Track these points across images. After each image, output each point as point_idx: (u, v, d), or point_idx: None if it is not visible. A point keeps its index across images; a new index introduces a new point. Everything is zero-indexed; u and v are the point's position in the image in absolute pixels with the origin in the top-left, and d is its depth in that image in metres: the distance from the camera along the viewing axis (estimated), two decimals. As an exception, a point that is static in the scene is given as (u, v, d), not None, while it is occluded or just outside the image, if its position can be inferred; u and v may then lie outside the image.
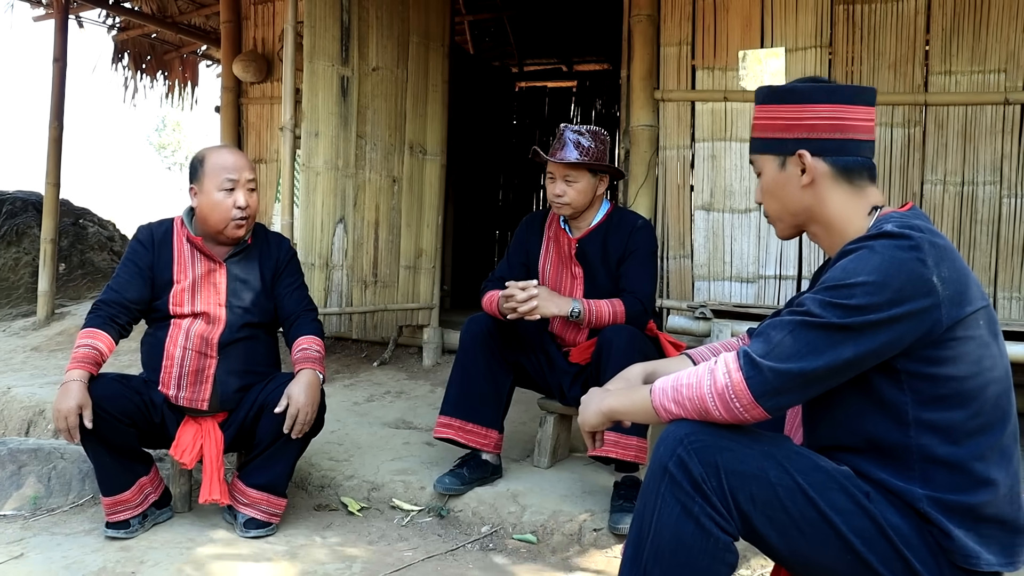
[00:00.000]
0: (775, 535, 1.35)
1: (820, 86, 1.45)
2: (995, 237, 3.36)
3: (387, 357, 4.64)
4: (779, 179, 1.50)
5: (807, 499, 1.33)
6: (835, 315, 1.29)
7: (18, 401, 3.96)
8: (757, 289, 3.67)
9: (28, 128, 34.59)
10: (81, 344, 2.39)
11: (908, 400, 1.33)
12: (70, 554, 2.30)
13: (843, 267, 1.32)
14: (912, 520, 1.33)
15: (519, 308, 2.56)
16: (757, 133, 1.54)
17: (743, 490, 1.33)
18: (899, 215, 1.38)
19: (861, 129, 1.44)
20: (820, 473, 1.35)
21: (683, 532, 1.34)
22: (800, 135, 1.46)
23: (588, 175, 2.72)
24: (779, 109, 1.48)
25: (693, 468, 1.33)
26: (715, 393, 1.34)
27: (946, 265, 1.29)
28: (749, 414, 1.33)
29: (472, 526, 2.58)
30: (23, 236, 6.90)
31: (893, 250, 1.29)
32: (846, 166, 1.44)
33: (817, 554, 1.35)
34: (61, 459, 2.79)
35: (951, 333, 1.30)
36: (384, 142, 4.21)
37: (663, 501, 1.36)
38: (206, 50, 6.85)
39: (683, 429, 1.37)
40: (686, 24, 3.76)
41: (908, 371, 1.32)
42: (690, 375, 1.40)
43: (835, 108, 1.43)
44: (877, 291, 1.27)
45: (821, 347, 1.29)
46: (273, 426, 2.43)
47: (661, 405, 1.42)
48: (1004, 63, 3.30)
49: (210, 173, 2.50)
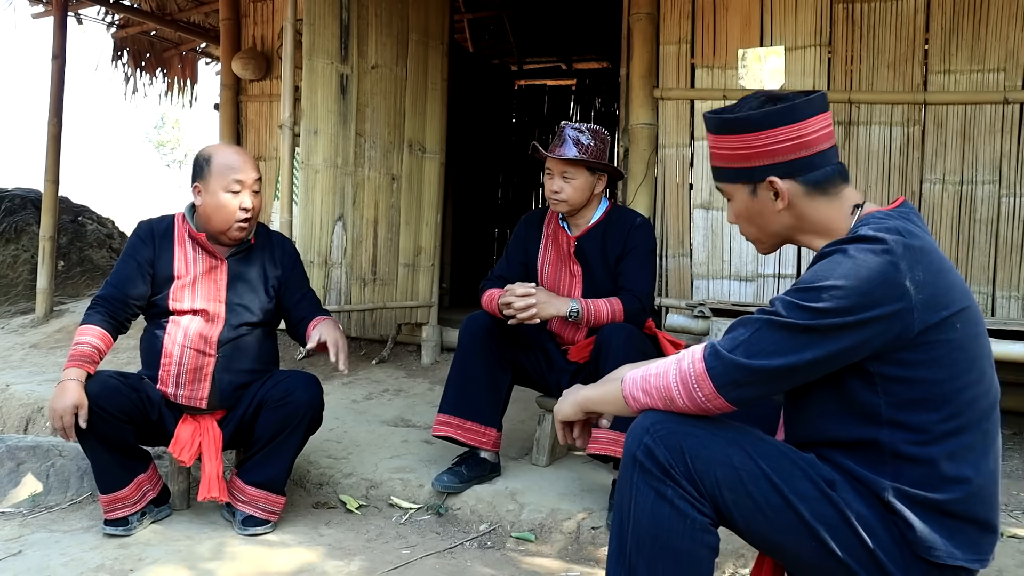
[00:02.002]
0: (742, 520, 1.37)
1: (772, 110, 1.41)
2: (994, 236, 3.36)
3: (386, 355, 4.64)
4: (753, 206, 1.49)
5: (771, 484, 1.34)
6: (800, 316, 1.30)
7: (16, 398, 3.96)
8: (756, 288, 3.67)
9: (27, 125, 34.54)
10: (79, 341, 2.39)
11: (882, 402, 1.34)
12: (68, 551, 2.30)
13: (815, 270, 1.33)
14: (877, 509, 1.34)
15: (518, 315, 2.57)
16: (718, 163, 1.51)
17: (708, 474, 1.35)
18: (880, 216, 1.38)
19: (822, 139, 1.43)
20: (784, 460, 1.37)
21: (660, 516, 1.36)
22: (765, 162, 1.43)
23: (586, 172, 2.72)
24: (736, 139, 1.45)
25: (659, 454, 1.36)
26: (679, 381, 1.37)
27: (921, 268, 1.29)
28: (712, 404, 1.36)
29: (470, 524, 2.58)
30: (22, 233, 6.89)
31: (865, 254, 1.29)
32: (817, 180, 1.43)
33: (783, 539, 1.36)
34: (59, 456, 2.79)
35: (924, 337, 1.30)
36: (383, 140, 4.21)
37: (637, 490, 1.38)
38: (205, 47, 6.84)
39: (649, 419, 1.40)
40: (685, 22, 3.76)
41: (882, 374, 1.33)
42: (658, 365, 1.43)
43: (792, 128, 1.41)
44: (845, 295, 1.27)
45: (784, 347, 1.31)
46: (272, 423, 2.44)
47: (630, 394, 1.45)
48: (1003, 62, 3.30)
49: (216, 174, 2.49)
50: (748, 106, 1.45)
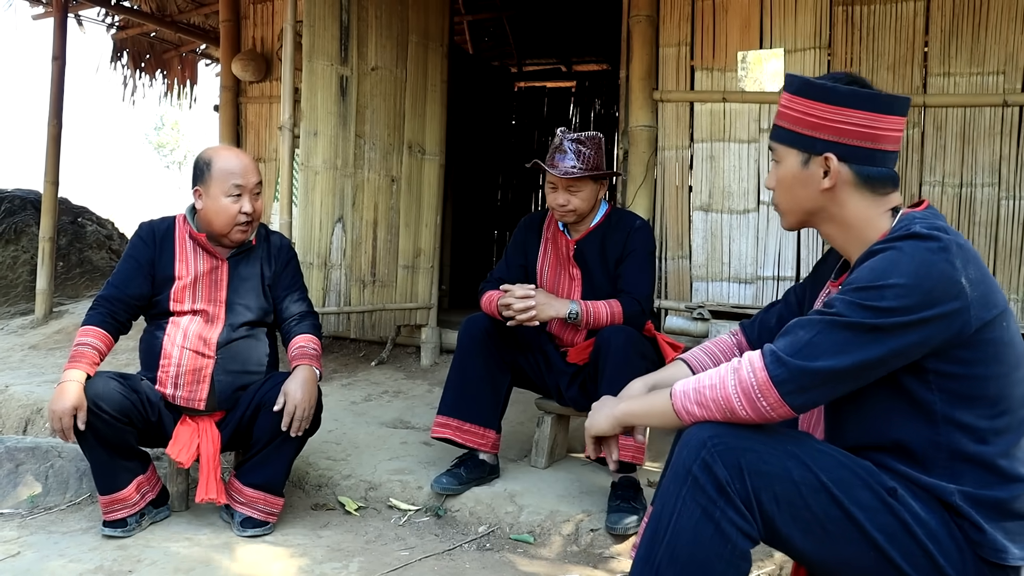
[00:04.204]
0: (799, 534, 1.35)
1: (858, 90, 1.41)
2: (993, 239, 3.36)
3: (385, 357, 4.64)
4: (799, 176, 1.48)
5: (831, 497, 1.33)
6: (865, 316, 1.28)
7: (16, 399, 3.96)
8: (755, 290, 3.67)
9: (27, 126, 34.57)
10: (79, 342, 2.39)
11: (937, 399, 1.34)
12: (67, 552, 2.30)
13: (871, 267, 1.31)
14: (941, 515, 1.33)
15: (518, 316, 2.57)
16: (784, 123, 1.49)
17: (767, 490, 1.33)
18: (923, 215, 1.37)
19: (891, 139, 1.42)
20: (843, 470, 1.35)
21: (702, 536, 1.33)
22: (830, 137, 1.42)
23: (591, 182, 2.72)
24: (812, 105, 1.44)
25: (719, 471, 1.33)
26: (740, 391, 1.34)
27: (972, 267, 1.30)
28: (776, 412, 1.33)
29: (469, 526, 2.58)
30: (21, 234, 6.89)
31: (923, 252, 1.28)
32: (870, 176, 1.42)
33: (840, 552, 1.35)
34: (59, 457, 2.79)
35: (979, 334, 1.30)
36: (383, 142, 4.21)
37: (683, 504, 1.35)
38: (205, 49, 6.85)
39: (706, 432, 1.37)
40: (685, 25, 3.76)
41: (938, 371, 1.32)
42: (712, 376, 1.39)
43: (870, 116, 1.40)
44: (908, 293, 1.27)
45: (850, 347, 1.29)
46: (270, 425, 2.43)
47: (683, 408, 1.41)
48: (1003, 65, 3.30)
49: (217, 178, 2.49)
50: (836, 79, 1.44)
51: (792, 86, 1.48)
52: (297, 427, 2.41)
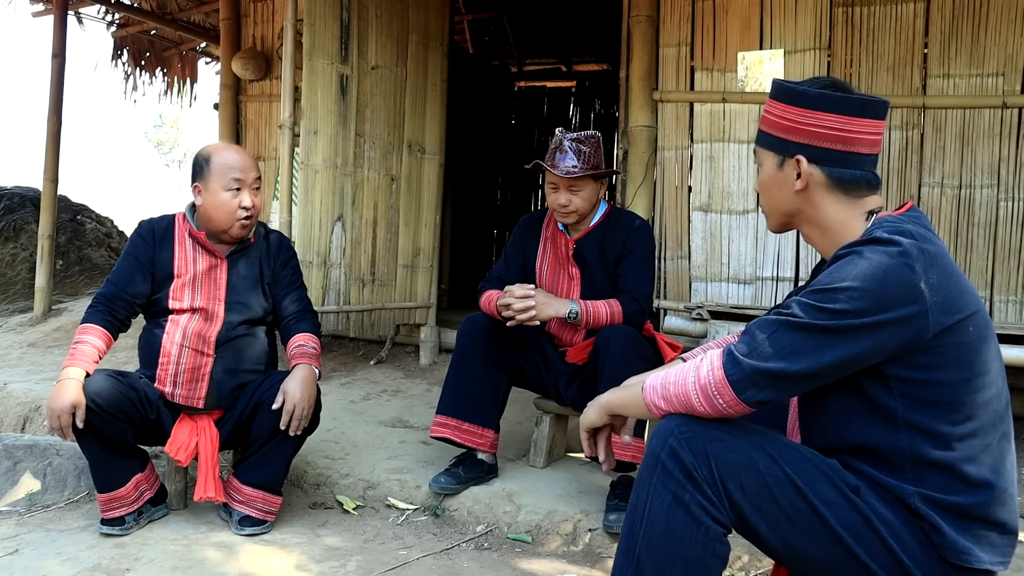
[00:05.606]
0: (765, 525, 1.37)
1: (830, 94, 1.43)
2: (992, 240, 3.36)
3: (384, 356, 4.64)
4: (775, 178, 1.51)
5: (796, 489, 1.35)
6: (818, 318, 1.30)
7: (14, 397, 3.96)
8: (754, 290, 3.67)
9: (26, 124, 34.54)
10: (79, 340, 2.40)
11: (899, 404, 1.34)
12: (65, 550, 2.30)
13: (831, 272, 1.34)
14: (903, 515, 1.34)
15: (517, 316, 2.57)
16: (764, 127, 1.54)
17: (732, 478, 1.35)
18: (893, 219, 1.38)
19: (865, 143, 1.43)
20: (808, 465, 1.37)
21: (674, 521, 1.36)
22: (801, 140, 1.45)
23: (592, 182, 2.72)
24: (787, 109, 1.47)
25: (684, 456, 1.36)
26: (698, 388, 1.38)
27: (935, 271, 1.30)
28: (733, 409, 1.36)
29: (467, 525, 2.58)
30: (21, 232, 6.89)
31: (881, 256, 1.29)
32: (842, 178, 1.44)
33: (806, 545, 1.36)
34: (57, 455, 2.79)
35: (939, 339, 1.31)
36: (383, 141, 4.21)
37: (655, 491, 1.38)
38: (205, 47, 6.85)
39: (674, 422, 1.41)
40: (685, 25, 3.76)
41: (898, 376, 1.33)
42: (677, 372, 1.43)
43: (841, 119, 1.42)
44: (861, 296, 1.28)
45: (802, 349, 1.31)
46: (269, 424, 2.43)
47: (652, 401, 1.46)
48: (1002, 67, 3.30)
49: (216, 173, 2.49)
50: (811, 84, 1.47)
51: (773, 90, 1.52)
52: (296, 426, 2.41)
